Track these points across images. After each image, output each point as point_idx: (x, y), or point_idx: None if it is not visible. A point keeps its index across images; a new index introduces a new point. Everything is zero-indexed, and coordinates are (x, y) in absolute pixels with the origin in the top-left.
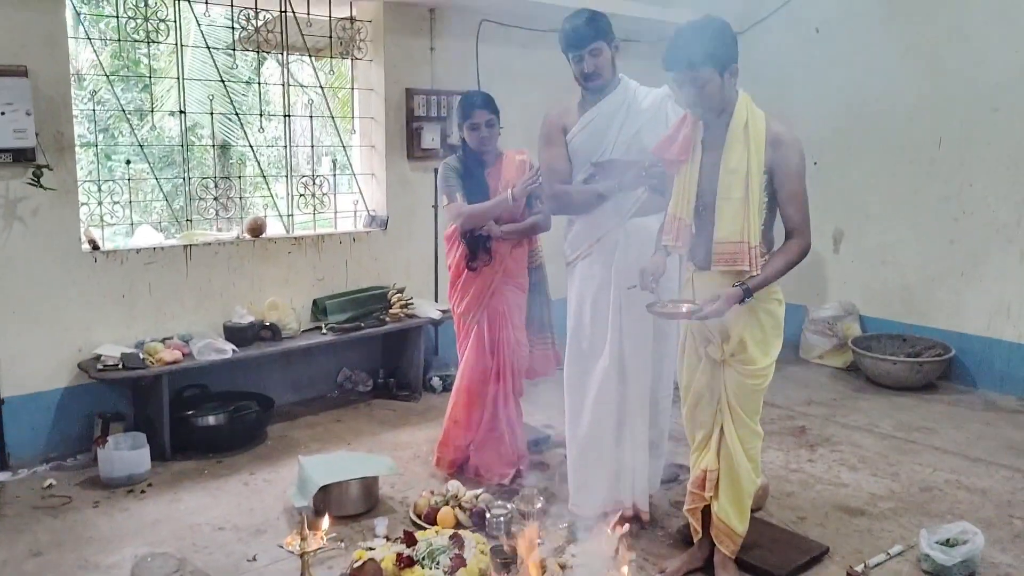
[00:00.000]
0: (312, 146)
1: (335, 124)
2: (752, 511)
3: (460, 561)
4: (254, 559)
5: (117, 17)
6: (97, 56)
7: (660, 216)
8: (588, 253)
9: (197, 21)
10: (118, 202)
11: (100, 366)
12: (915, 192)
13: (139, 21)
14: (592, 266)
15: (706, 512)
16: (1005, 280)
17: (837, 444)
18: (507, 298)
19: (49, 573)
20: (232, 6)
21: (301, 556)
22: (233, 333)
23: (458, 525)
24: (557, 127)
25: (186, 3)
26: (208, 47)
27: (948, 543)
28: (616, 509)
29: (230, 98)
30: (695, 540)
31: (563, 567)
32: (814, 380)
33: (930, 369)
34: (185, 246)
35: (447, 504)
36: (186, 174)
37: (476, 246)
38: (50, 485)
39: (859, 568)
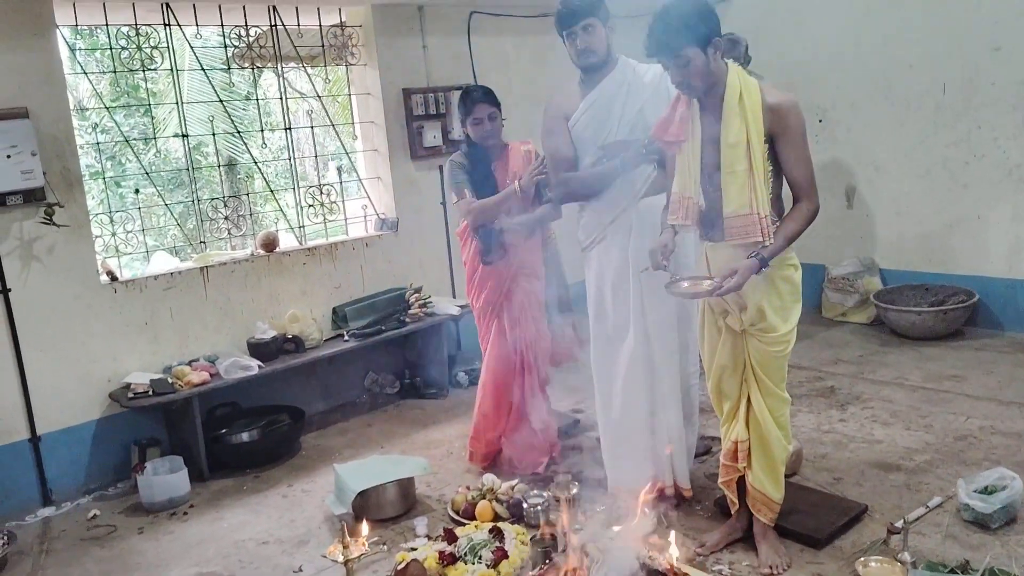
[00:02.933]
0: (316, 156)
1: (336, 131)
2: (787, 476)
3: (502, 553)
4: (300, 570)
5: (111, 49)
6: (95, 89)
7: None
8: (602, 237)
9: (190, 44)
10: (131, 231)
11: (131, 395)
12: (923, 140)
13: (132, 50)
14: (608, 250)
15: (741, 483)
16: (1022, 220)
17: (868, 401)
18: (524, 289)
19: None
20: (222, 25)
21: (345, 564)
22: (257, 349)
23: (496, 518)
24: (558, 114)
25: (177, 28)
26: (203, 68)
27: (987, 490)
28: (655, 489)
29: (230, 117)
30: (733, 511)
31: (603, 551)
32: (839, 338)
33: (955, 316)
34: (201, 268)
35: (484, 498)
36: (195, 195)
37: (489, 240)
38: (94, 516)
39: (899, 524)
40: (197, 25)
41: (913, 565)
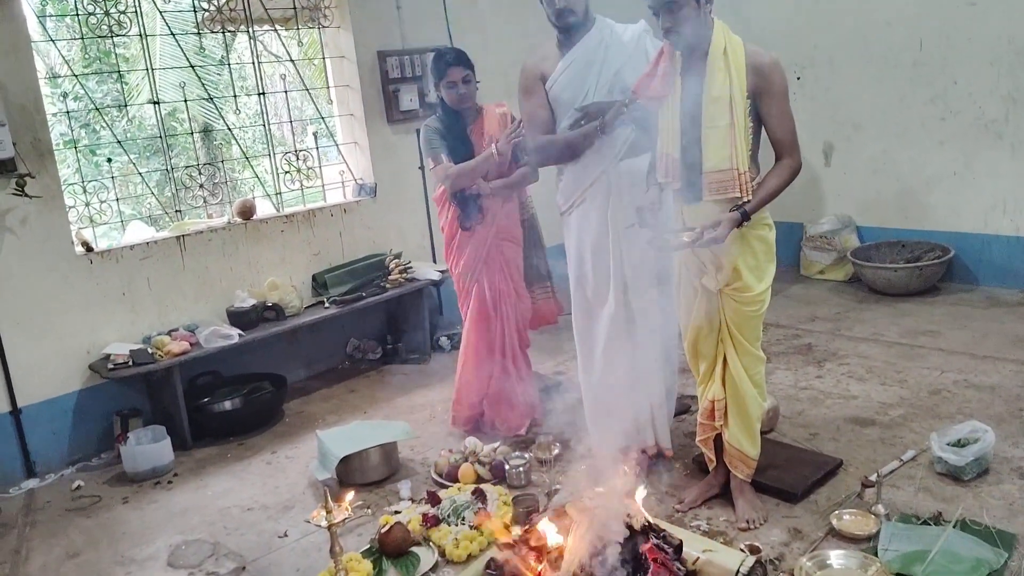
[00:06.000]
0: (291, 121)
1: (311, 96)
2: (764, 433)
3: (484, 515)
4: (285, 535)
5: (77, 15)
6: (64, 58)
7: (650, 155)
8: (582, 201)
9: (159, 8)
10: (105, 200)
11: (111, 365)
12: (901, 97)
13: (100, 15)
14: (588, 213)
15: (718, 440)
16: (998, 175)
17: (844, 357)
18: (503, 253)
19: (87, 572)
20: None
21: (329, 528)
22: (237, 317)
23: (479, 480)
24: (535, 76)
25: None
26: (172, 34)
27: (959, 443)
28: (637, 449)
29: (202, 83)
30: (710, 468)
31: (582, 511)
32: (817, 296)
33: (931, 272)
34: (178, 237)
35: (466, 460)
36: (168, 164)
37: (467, 205)
38: (78, 487)
39: (873, 477)
40: None
41: (887, 517)
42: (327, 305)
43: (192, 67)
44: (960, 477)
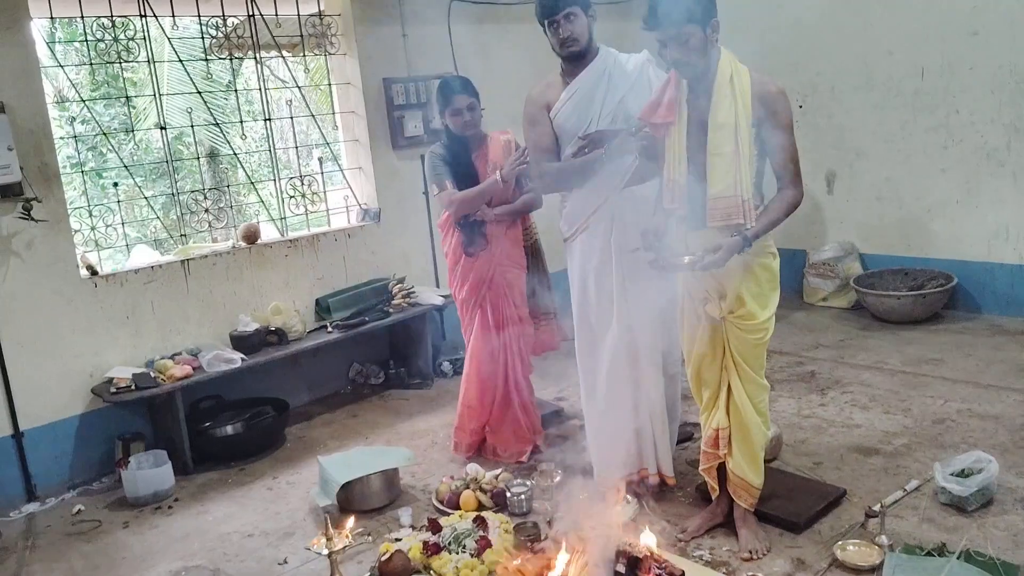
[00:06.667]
0: (296, 147)
1: (316, 121)
2: (767, 461)
3: (486, 543)
4: (285, 562)
5: (86, 40)
6: (72, 84)
7: (655, 182)
8: (585, 227)
9: (167, 36)
10: (111, 224)
11: (113, 389)
12: (903, 125)
13: (109, 42)
14: (591, 240)
15: (722, 469)
16: (1000, 203)
17: (847, 385)
18: (507, 279)
19: None
20: (199, 15)
21: (329, 556)
22: (240, 342)
23: (480, 507)
24: (540, 105)
25: (153, 19)
26: (180, 60)
27: (963, 474)
28: (639, 476)
29: (209, 108)
30: (713, 497)
31: (583, 539)
32: (820, 323)
33: (934, 300)
34: (183, 261)
35: (468, 488)
36: (175, 188)
37: (471, 231)
38: (79, 511)
39: (877, 507)
40: (173, 16)
41: (890, 548)
42: (330, 330)
43: (199, 92)
44: (964, 508)
